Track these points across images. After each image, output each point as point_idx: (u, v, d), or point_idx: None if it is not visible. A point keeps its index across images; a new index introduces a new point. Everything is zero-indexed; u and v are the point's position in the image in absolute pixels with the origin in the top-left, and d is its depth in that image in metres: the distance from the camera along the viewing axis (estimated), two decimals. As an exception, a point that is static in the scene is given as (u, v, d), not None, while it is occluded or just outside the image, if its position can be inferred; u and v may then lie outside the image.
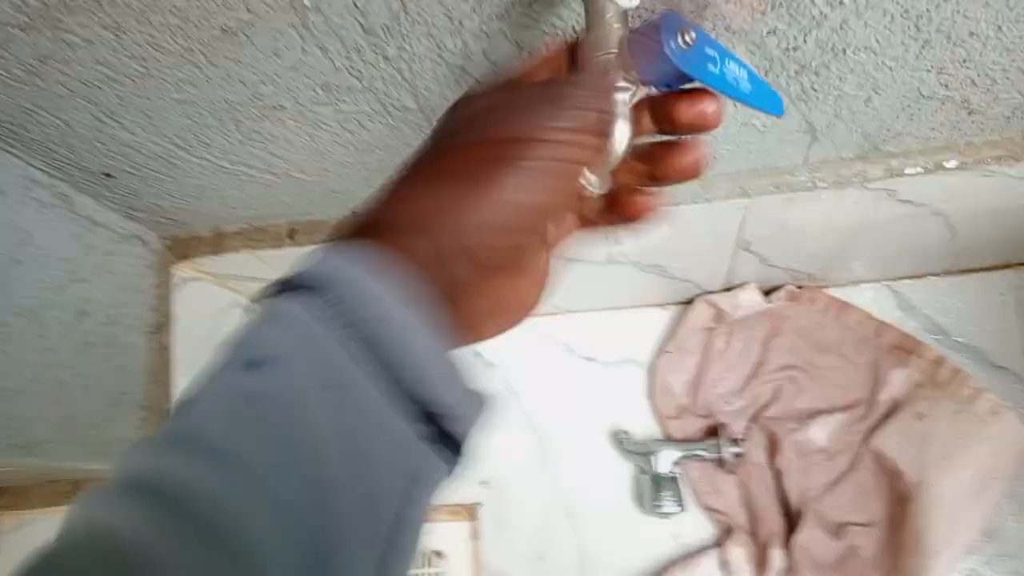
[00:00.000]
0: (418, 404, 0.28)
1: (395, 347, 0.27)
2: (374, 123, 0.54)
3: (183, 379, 0.72)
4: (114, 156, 0.56)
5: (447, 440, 0.29)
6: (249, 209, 0.67)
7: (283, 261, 0.72)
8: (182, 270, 0.73)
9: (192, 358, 0.74)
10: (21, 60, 0.44)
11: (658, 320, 0.96)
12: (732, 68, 0.35)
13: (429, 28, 0.44)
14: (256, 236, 0.71)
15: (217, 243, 0.71)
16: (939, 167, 0.60)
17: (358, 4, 0.41)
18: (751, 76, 0.36)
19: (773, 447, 0.87)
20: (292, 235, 0.70)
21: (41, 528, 0.71)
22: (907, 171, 0.60)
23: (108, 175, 0.59)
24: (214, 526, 0.23)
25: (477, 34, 0.44)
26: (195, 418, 0.26)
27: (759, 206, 0.65)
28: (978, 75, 0.51)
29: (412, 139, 0.56)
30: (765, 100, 0.37)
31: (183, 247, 0.72)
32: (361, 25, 0.43)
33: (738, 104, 0.37)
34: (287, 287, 0.29)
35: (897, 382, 0.86)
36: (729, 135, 0.56)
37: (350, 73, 0.48)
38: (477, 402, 0.31)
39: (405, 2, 0.41)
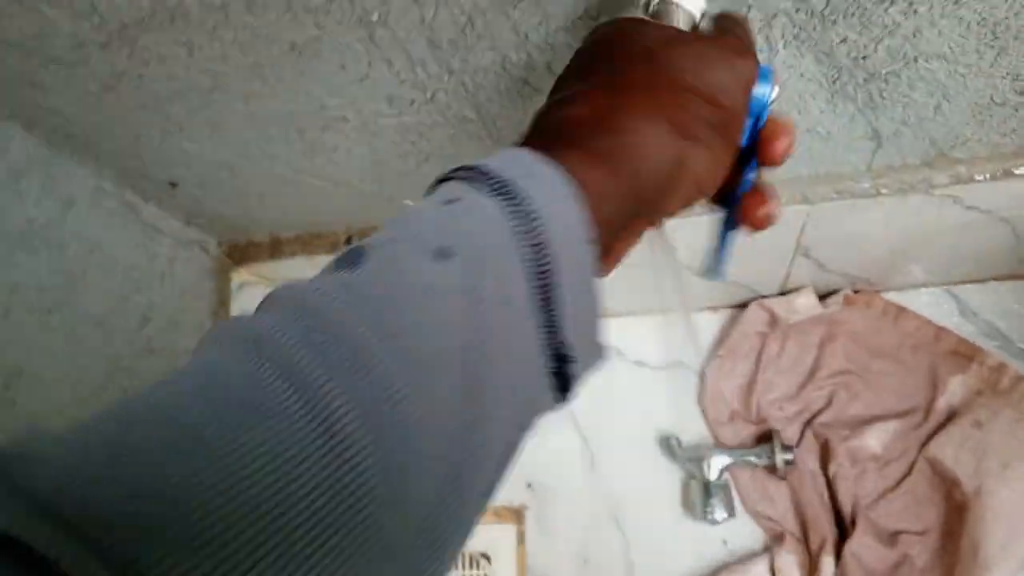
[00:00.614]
0: (557, 344, 0.28)
1: (563, 285, 0.27)
2: (434, 133, 0.54)
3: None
4: (180, 166, 0.57)
5: (560, 381, 0.29)
6: (307, 216, 0.68)
7: (339, 266, 0.74)
8: (240, 275, 0.74)
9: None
10: (98, 76, 0.45)
11: (711, 323, 0.95)
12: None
13: (494, 41, 0.44)
14: (313, 242, 0.72)
15: (275, 248, 0.72)
16: (1008, 174, 0.58)
17: (425, 19, 0.42)
18: None
19: (826, 454, 0.86)
20: (349, 241, 0.71)
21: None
22: (975, 178, 0.59)
23: (173, 184, 0.60)
24: (378, 382, 0.23)
25: (542, 47, 0.44)
26: (365, 276, 0.26)
27: (820, 212, 0.64)
28: (1053, 81, 0.50)
29: (470, 148, 0.56)
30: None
31: (241, 253, 0.73)
32: (427, 39, 0.43)
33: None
34: (480, 178, 0.28)
35: (955, 389, 0.84)
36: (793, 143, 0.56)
37: (414, 86, 0.48)
38: (598, 354, 0.31)
39: (472, 16, 0.41)
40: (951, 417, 0.84)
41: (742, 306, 0.92)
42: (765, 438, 0.88)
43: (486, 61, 0.46)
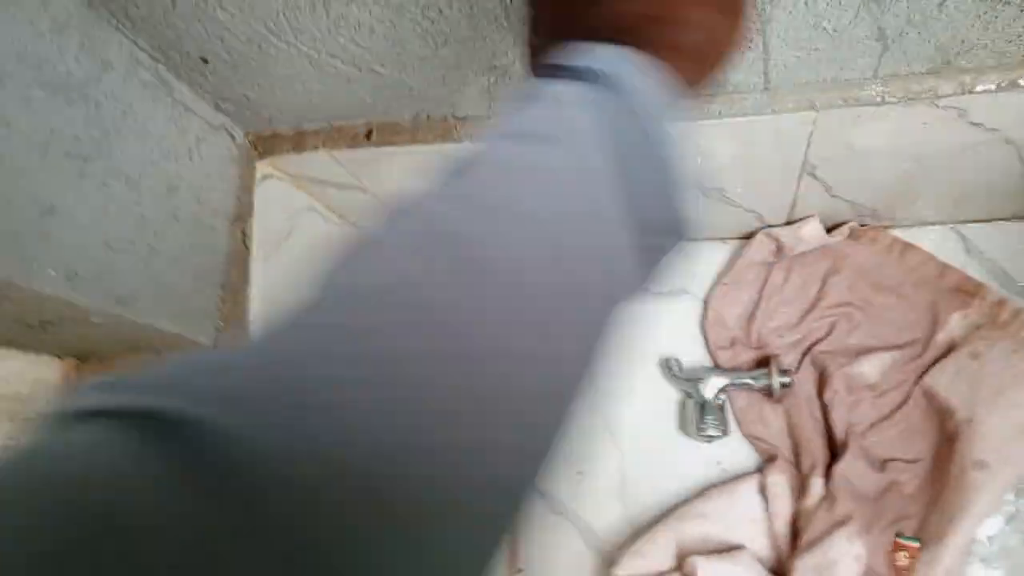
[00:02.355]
0: (642, 221, 0.31)
1: (639, 159, 0.31)
2: (452, 11, 0.56)
3: (260, 268, 0.76)
4: (211, 39, 0.60)
5: (645, 260, 0.33)
6: (330, 105, 0.71)
7: (358, 162, 0.76)
8: (264, 167, 0.77)
9: (267, 253, 0.78)
10: (137, -75, 0.48)
11: (718, 253, 0.97)
12: None
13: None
14: (334, 135, 0.74)
15: (298, 141, 0.75)
16: (1014, 84, 0.60)
17: None
18: None
19: (823, 380, 0.88)
20: (369, 135, 0.73)
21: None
22: (979, 87, 0.60)
23: (205, 60, 0.63)
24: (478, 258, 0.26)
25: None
26: (481, 175, 0.30)
27: (827, 122, 0.65)
28: (1059, -18, 0.51)
29: (488, 31, 0.59)
30: None
31: (266, 144, 0.76)
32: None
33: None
34: (570, 72, 0.32)
35: (956, 324, 0.85)
36: (800, 40, 0.57)
37: (436, -47, 0.50)
38: (682, 229, 0.34)
39: None
40: (949, 350, 0.85)
41: (749, 237, 0.94)
42: (764, 363, 0.90)
43: (505, -71, 0.48)
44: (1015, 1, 0.52)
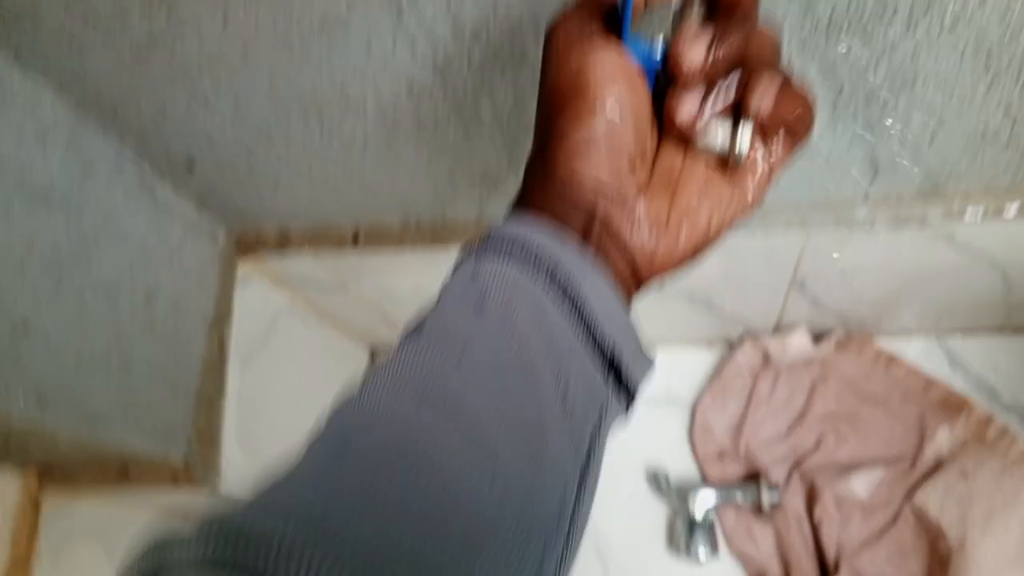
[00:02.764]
0: (605, 353, 0.32)
1: (589, 302, 0.32)
2: (449, 129, 0.56)
3: (237, 373, 0.73)
4: (199, 144, 0.59)
5: (621, 388, 0.34)
6: (317, 208, 0.69)
7: (343, 266, 0.75)
8: (246, 268, 0.76)
9: (246, 355, 0.76)
10: (134, 41, 0.47)
11: (704, 360, 0.96)
12: None
13: (513, 33, 0.46)
14: (320, 237, 0.73)
15: (282, 241, 0.74)
16: (999, 212, 0.60)
17: (451, 5, 0.44)
18: None
19: (812, 497, 0.86)
20: (356, 238, 0.72)
21: (88, 511, 0.72)
22: (967, 214, 0.61)
23: (191, 161, 0.62)
24: (458, 413, 0.29)
25: (560, 41, 0.46)
26: (427, 338, 0.31)
27: (817, 241, 0.65)
28: (1045, 119, 0.52)
29: (482, 149, 0.58)
30: None
31: (249, 243, 0.74)
32: (451, 26, 0.45)
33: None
34: (489, 248, 0.33)
35: (943, 439, 0.85)
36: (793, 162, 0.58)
37: (433, 73, 0.50)
38: (646, 360, 0.35)
39: (496, 4, 0.44)
40: (937, 466, 0.84)
41: (736, 343, 0.93)
42: (753, 477, 0.88)
43: (505, 54, 0.48)
44: (1002, 137, 0.53)
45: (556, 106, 0.34)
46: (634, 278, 0.35)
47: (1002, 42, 0.45)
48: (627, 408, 0.35)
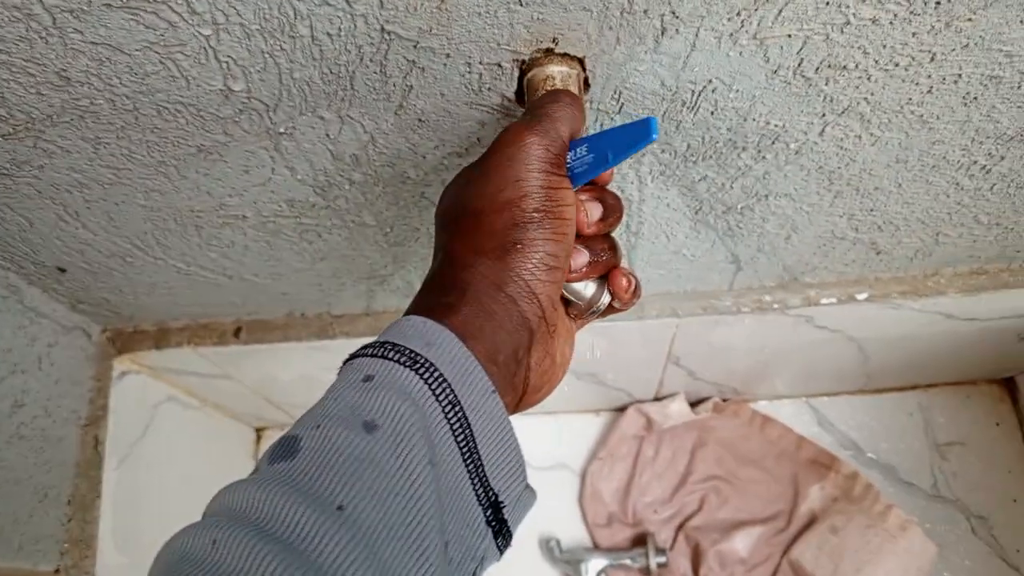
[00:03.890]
0: (493, 493, 0.31)
1: (486, 438, 0.30)
2: (332, 235, 0.56)
3: (113, 473, 0.71)
4: (71, 253, 0.57)
5: (501, 528, 0.32)
6: (197, 306, 0.68)
7: (225, 357, 0.73)
8: (123, 363, 0.73)
9: (124, 450, 0.73)
10: (-5, 164, 0.45)
11: (592, 426, 0.99)
12: (578, 152, 0.36)
13: (393, 159, 0.47)
14: (201, 333, 0.72)
15: (161, 338, 0.72)
16: (851, 298, 0.66)
17: (330, 135, 0.45)
18: (597, 140, 0.36)
19: (697, 557, 0.90)
20: (237, 333, 0.71)
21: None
22: (823, 301, 0.66)
23: (62, 270, 0.60)
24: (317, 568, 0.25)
25: (438, 167, 0.48)
26: (303, 463, 0.28)
27: (688, 326, 0.69)
28: (884, 222, 0.57)
29: (367, 250, 0.59)
30: (631, 139, 0.35)
31: (126, 340, 0.72)
32: (331, 152, 0.46)
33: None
34: (390, 351, 0.31)
35: (815, 496, 0.90)
36: (661, 262, 0.61)
37: (315, 192, 0.51)
38: (530, 497, 0.34)
39: (374, 136, 0.45)
40: (811, 522, 0.89)
41: (622, 409, 0.97)
42: (641, 542, 0.91)
43: (386, 175, 0.49)
44: (848, 237, 0.58)
45: (522, 217, 0.34)
46: (515, 407, 0.36)
47: (841, 165, 0.49)
48: (504, 548, 0.33)
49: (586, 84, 0.40)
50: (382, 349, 0.31)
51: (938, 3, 0.36)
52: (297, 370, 0.78)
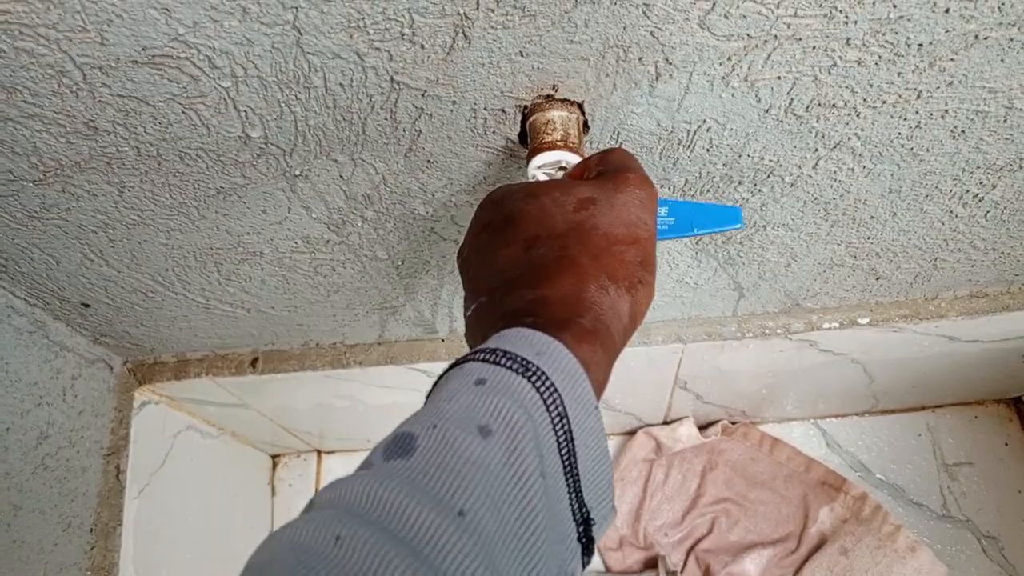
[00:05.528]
0: (586, 509, 0.31)
1: (586, 454, 0.31)
2: (346, 269, 0.59)
3: (134, 502, 0.72)
4: (95, 289, 0.59)
5: (588, 545, 0.32)
6: (215, 338, 0.70)
7: (243, 387, 0.75)
8: (143, 393, 0.75)
9: (145, 479, 0.75)
10: (26, 207, 0.48)
11: (601, 450, 1.00)
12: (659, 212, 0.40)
13: (404, 197, 0.49)
14: (219, 363, 0.74)
15: (180, 369, 0.74)
16: (853, 323, 0.67)
17: (344, 176, 0.47)
18: (679, 207, 0.40)
19: (709, 579, 0.90)
20: (254, 363, 0.73)
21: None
22: (825, 326, 0.67)
23: (86, 305, 0.62)
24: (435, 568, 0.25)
25: (447, 203, 0.50)
26: (421, 461, 0.28)
27: (693, 351, 0.70)
28: (881, 249, 0.59)
29: (379, 282, 0.61)
30: (718, 220, 0.40)
31: (147, 372, 0.74)
32: (344, 192, 0.48)
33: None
34: (502, 357, 0.31)
35: (824, 518, 0.91)
36: (665, 290, 0.63)
37: (329, 229, 0.53)
38: (613, 516, 0.34)
39: (385, 176, 0.47)
40: (821, 543, 0.90)
41: (631, 433, 0.98)
42: (652, 563, 0.92)
43: (397, 212, 0.51)
44: (847, 264, 0.60)
45: (647, 258, 0.37)
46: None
47: (836, 196, 0.51)
48: (586, 566, 0.33)
49: (585, 126, 0.42)
50: (493, 355, 0.31)
51: (920, 45, 0.38)
52: (312, 398, 0.79)
